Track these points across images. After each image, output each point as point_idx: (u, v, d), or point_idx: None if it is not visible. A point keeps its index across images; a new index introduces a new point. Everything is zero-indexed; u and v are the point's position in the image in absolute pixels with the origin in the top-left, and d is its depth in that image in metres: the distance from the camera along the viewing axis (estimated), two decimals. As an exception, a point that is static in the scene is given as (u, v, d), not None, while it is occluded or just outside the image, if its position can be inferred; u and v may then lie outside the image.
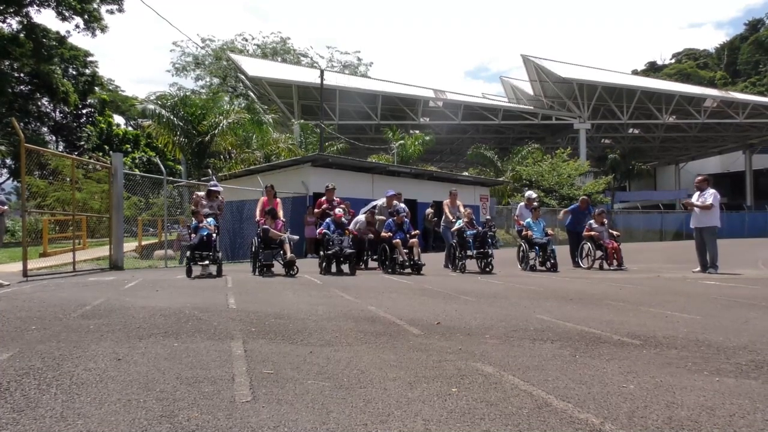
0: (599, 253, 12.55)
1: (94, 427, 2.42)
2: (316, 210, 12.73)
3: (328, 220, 11.15)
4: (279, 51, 62.86)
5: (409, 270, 10.87)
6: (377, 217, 12.17)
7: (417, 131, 39.26)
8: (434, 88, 45.06)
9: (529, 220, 12.84)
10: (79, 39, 78.15)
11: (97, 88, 45.85)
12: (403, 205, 12.01)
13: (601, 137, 51.42)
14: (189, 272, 9.70)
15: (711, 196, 10.76)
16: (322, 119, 33.38)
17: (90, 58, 43.45)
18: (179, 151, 23.29)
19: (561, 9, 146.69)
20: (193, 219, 10.67)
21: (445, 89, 45.75)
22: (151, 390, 2.94)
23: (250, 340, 4.29)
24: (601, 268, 12.46)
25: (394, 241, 10.98)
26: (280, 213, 10.97)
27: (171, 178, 16.31)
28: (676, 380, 3.28)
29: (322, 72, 33.21)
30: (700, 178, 11.39)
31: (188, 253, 10.10)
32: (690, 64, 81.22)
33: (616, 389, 3.08)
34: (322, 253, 10.84)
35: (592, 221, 12.90)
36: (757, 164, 50.20)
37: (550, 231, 13.14)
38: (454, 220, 12.48)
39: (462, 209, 12.78)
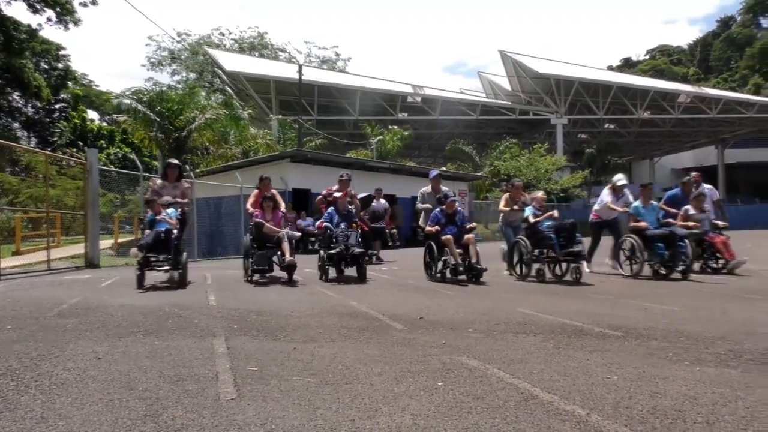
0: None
1: (77, 428, 2.37)
2: (321, 198, 10.59)
3: (330, 209, 8.94)
4: (256, 46, 62.30)
5: (464, 276, 8.25)
6: (421, 206, 9.81)
7: (395, 127, 39.20)
8: (413, 83, 45.11)
9: (637, 204, 9.32)
10: (52, 32, 76.72)
11: (70, 83, 45.01)
12: (452, 191, 9.90)
13: (577, 132, 51.93)
14: (140, 281, 7.33)
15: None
16: (300, 115, 33.19)
17: (62, 52, 42.67)
18: (156, 146, 22.97)
19: (538, 5, 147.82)
20: (148, 210, 8.44)
21: (424, 85, 45.82)
22: (133, 389, 2.89)
23: (233, 337, 4.25)
24: (703, 270, 9.49)
25: (443, 237, 8.33)
26: (282, 204, 8.96)
27: (148, 174, 16.09)
28: (659, 371, 3.32)
29: (300, 67, 33.03)
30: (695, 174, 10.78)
31: (140, 256, 7.68)
32: (664, 60, 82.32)
33: (600, 381, 3.11)
34: (321, 253, 8.62)
35: (688, 207, 9.79)
36: (729, 158, 51.13)
37: (699, 216, 9.72)
38: (514, 210, 9.63)
39: (524, 197, 9.85)
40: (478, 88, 61.78)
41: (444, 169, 34.20)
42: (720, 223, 9.97)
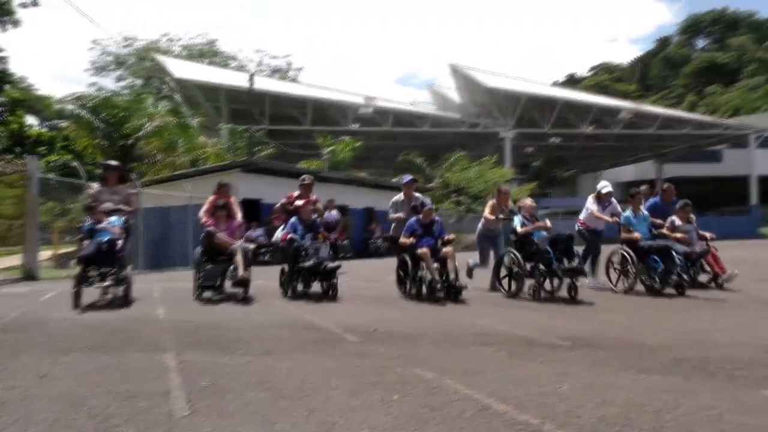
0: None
1: (21, 449, 2.28)
2: (277, 206, 9.28)
3: (293, 220, 8.06)
4: (206, 53, 61.42)
5: (441, 293, 7.26)
6: (392, 216, 8.72)
7: (347, 137, 39.23)
8: (365, 95, 45.28)
9: (628, 214, 8.65)
10: (-12, 34, 73.48)
11: (7, 86, 43.18)
12: (428, 199, 8.88)
13: (525, 145, 53.21)
14: (77, 299, 6.30)
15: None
16: (251, 124, 32.82)
17: None
18: (100, 154, 22.25)
19: (487, 20, 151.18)
20: (87, 218, 7.29)
21: (376, 96, 46.07)
22: (80, 407, 2.79)
23: (184, 351, 4.15)
24: (690, 285, 8.13)
25: (419, 250, 7.43)
26: (238, 214, 8.14)
27: (91, 182, 15.57)
28: (607, 379, 3.44)
29: (251, 76, 32.69)
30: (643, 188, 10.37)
31: (78, 269, 6.60)
32: (606, 77, 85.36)
33: (552, 390, 3.19)
34: (283, 267, 7.91)
35: (674, 218, 9.12)
36: (667, 173, 53.31)
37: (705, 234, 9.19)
38: (499, 219, 8.66)
39: (508, 205, 8.99)
40: (428, 101, 62.63)
41: (395, 180, 34.42)
42: (708, 234, 9.27)
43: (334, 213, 15.12)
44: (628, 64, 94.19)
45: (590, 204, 9.27)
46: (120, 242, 6.80)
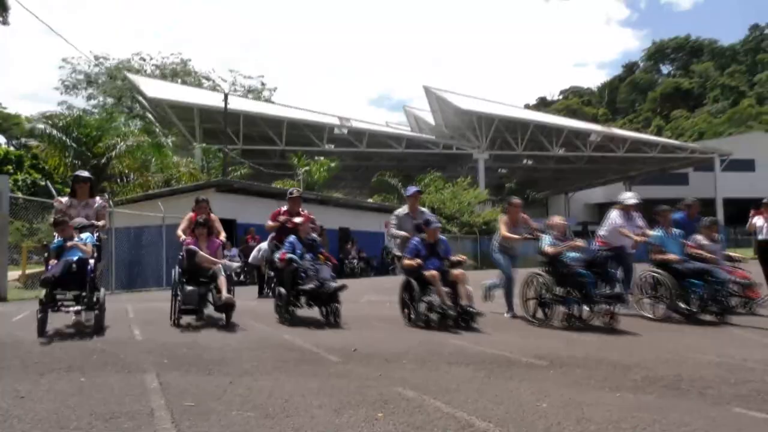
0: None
1: (5, 471, 2.26)
2: (270, 223, 8.38)
3: (291, 238, 7.41)
4: (179, 72, 61.14)
5: (451, 321, 6.59)
6: (395, 232, 7.86)
7: (322, 158, 39.31)
8: (339, 115, 45.53)
9: (660, 233, 7.88)
10: (-45, 50, 72.15)
11: (-26, 105, 42.35)
12: (434, 216, 8.00)
13: (498, 167, 53.92)
14: (42, 327, 5.70)
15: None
16: (226, 144, 32.72)
17: (-33, 72, 40.19)
18: (71, 173, 21.90)
19: (460, 43, 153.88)
20: (55, 235, 6.52)
21: (350, 117, 46.37)
22: (64, 428, 2.78)
23: (164, 372, 4.13)
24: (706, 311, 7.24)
25: (427, 273, 6.75)
26: (221, 232, 7.54)
27: (59, 196, 15.30)
28: (584, 397, 3.53)
29: (226, 96, 32.69)
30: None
31: (44, 292, 5.89)
32: (576, 101, 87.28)
33: (531, 408, 3.27)
34: (280, 291, 7.23)
35: (699, 236, 8.34)
36: (640, 194, 54.55)
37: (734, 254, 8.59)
38: (523, 239, 7.92)
39: (532, 224, 8.17)
40: (403, 122, 63.22)
41: (370, 200, 34.58)
42: (735, 255, 8.64)
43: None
44: (596, 88, 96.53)
45: (614, 218, 8.22)
46: (92, 262, 6.10)
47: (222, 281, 6.68)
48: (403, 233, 7.64)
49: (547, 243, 7.28)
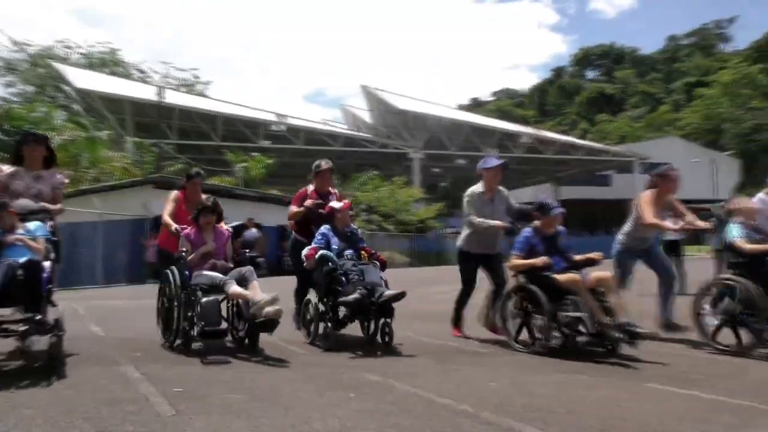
0: None
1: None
2: (294, 209, 6.23)
3: (324, 229, 5.62)
4: (108, 62, 59.03)
5: (615, 344, 4.75)
6: (480, 220, 5.71)
7: (258, 154, 39.07)
8: (277, 111, 45.34)
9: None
10: None
11: None
12: (550, 198, 6.01)
13: (432, 166, 55.13)
14: None
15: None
16: (159, 138, 32.09)
17: None
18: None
19: (395, 42, 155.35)
20: None
21: (287, 113, 46.27)
22: (72, 411, 3.03)
23: (141, 364, 4.37)
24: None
25: (565, 277, 4.97)
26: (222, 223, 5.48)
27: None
28: (529, 378, 4.07)
29: (161, 89, 32.02)
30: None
31: None
32: (508, 103, 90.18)
33: (483, 387, 3.78)
34: (311, 299, 5.63)
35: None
36: (564, 195, 56.95)
37: None
38: (682, 227, 5.69)
39: (681, 208, 5.70)
40: (338, 118, 63.52)
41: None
42: None
43: (254, 231, 15.29)
44: (527, 90, 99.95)
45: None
46: (47, 266, 4.29)
47: (255, 287, 4.87)
48: (498, 222, 5.65)
49: (736, 235, 5.20)
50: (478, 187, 6.00)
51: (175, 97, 41.16)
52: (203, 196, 5.61)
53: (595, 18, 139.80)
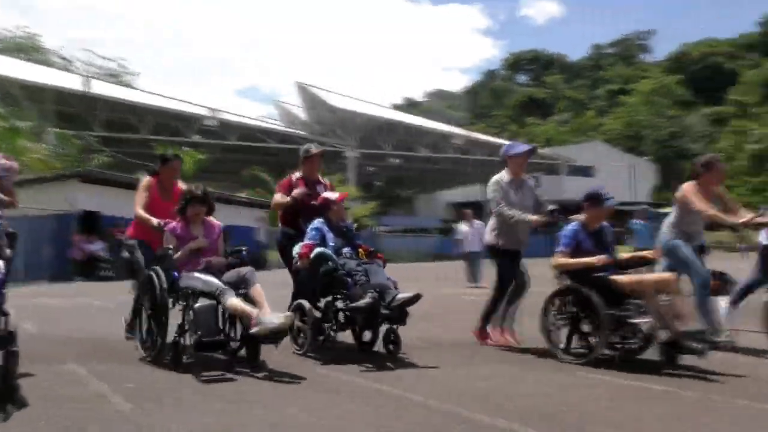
0: None
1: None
2: (278, 198, 5.51)
3: (317, 223, 5.00)
4: (26, 47, 55.97)
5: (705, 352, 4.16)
6: (509, 212, 5.09)
7: (189, 149, 38.18)
8: (209, 106, 44.38)
9: None
10: None
11: None
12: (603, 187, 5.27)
13: (368, 165, 55.46)
14: None
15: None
16: (83, 129, 30.78)
17: None
18: None
19: (330, 40, 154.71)
20: None
21: (221, 108, 45.39)
22: (31, 413, 3.00)
23: (86, 362, 4.33)
24: None
25: (627, 278, 4.46)
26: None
27: None
28: (466, 370, 4.31)
29: (87, 78, 30.73)
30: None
31: None
32: (440, 104, 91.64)
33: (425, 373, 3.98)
34: (304, 304, 4.70)
35: None
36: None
37: None
38: (749, 220, 4.82)
39: (728, 199, 5.22)
40: (272, 114, 62.83)
41: (243, 195, 34.25)
42: None
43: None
44: (460, 92, 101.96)
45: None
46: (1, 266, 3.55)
47: (259, 292, 4.26)
48: (534, 217, 5.11)
49: None
50: (503, 176, 5.40)
51: (102, 87, 39.59)
52: (189, 186, 4.96)
53: (524, 24, 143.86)
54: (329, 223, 5.01)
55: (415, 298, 4.44)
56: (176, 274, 4.30)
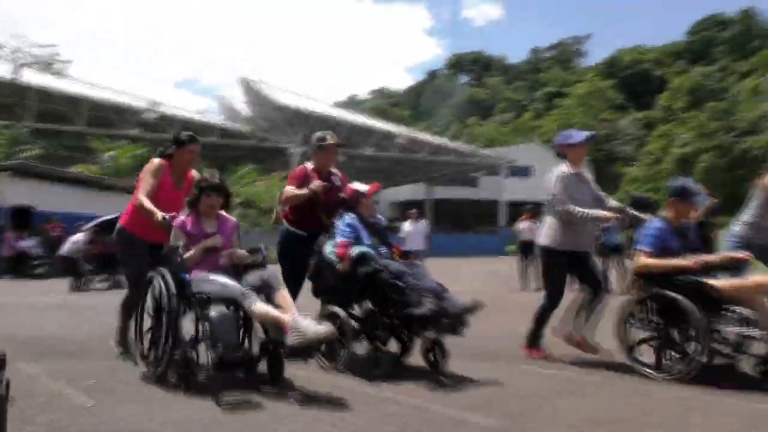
0: None
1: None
2: (290, 190, 4.82)
3: (349, 218, 4.46)
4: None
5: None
6: (577, 210, 4.41)
7: (127, 142, 37.06)
8: (149, 98, 43.19)
9: None
10: None
11: None
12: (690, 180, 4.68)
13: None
14: None
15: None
16: (12, 120, 29.44)
17: None
18: None
19: (272, 34, 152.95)
20: None
21: (161, 101, 44.22)
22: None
23: (37, 360, 4.32)
24: None
25: (720, 283, 3.85)
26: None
27: None
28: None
29: (18, 66, 29.42)
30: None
31: None
32: (384, 102, 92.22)
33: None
34: (339, 313, 4.08)
35: None
36: (437, 195, 59.52)
37: None
38: None
39: None
40: (212, 107, 61.67)
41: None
42: None
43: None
44: (403, 90, 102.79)
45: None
46: None
47: (285, 298, 3.72)
48: (608, 213, 4.58)
49: None
50: (565, 168, 4.68)
51: (33, 76, 37.91)
52: (203, 173, 4.23)
53: (466, 25, 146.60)
54: (361, 219, 4.48)
55: (477, 306, 3.91)
56: (187, 276, 3.73)
